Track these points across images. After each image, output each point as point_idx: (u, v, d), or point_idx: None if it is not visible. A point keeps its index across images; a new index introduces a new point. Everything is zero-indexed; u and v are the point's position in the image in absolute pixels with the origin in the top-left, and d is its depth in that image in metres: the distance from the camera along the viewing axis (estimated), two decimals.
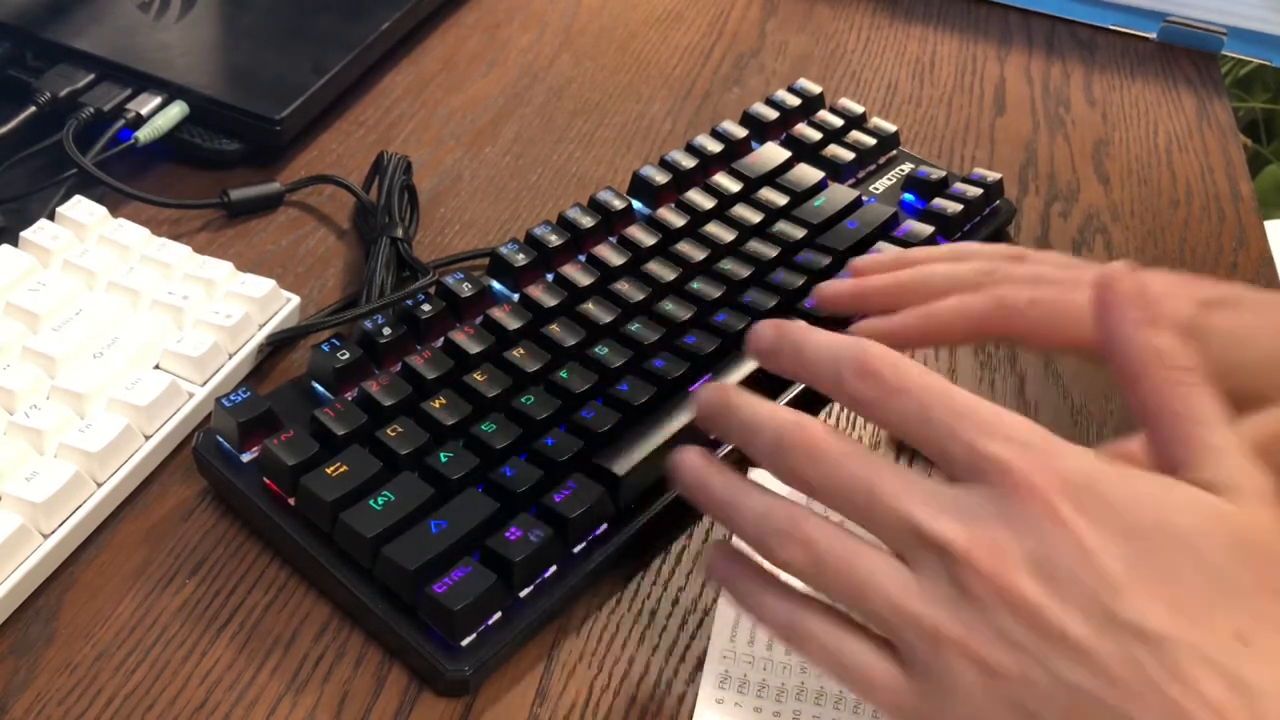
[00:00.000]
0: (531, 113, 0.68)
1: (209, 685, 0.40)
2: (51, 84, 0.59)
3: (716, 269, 0.53)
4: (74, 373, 0.46)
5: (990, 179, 0.60)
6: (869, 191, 0.60)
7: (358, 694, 0.40)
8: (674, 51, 0.75)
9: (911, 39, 0.78)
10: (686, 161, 0.58)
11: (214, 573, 0.43)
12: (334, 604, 0.42)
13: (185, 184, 0.60)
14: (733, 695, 0.40)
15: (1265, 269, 0.61)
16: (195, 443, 0.45)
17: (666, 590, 0.44)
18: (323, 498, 0.41)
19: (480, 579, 0.39)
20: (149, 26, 0.65)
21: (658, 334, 0.49)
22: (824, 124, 0.63)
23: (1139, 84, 0.75)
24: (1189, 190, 0.66)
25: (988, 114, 0.71)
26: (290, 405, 0.46)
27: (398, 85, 0.69)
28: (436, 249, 0.58)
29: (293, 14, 0.68)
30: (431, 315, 0.48)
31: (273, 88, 0.62)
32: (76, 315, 0.48)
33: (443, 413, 0.44)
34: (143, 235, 0.53)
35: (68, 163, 0.55)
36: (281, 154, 0.63)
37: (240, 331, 0.49)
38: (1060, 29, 0.80)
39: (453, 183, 0.62)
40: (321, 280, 0.55)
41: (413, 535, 0.40)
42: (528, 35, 0.75)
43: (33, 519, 0.41)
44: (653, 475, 0.44)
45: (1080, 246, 0.61)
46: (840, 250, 0.54)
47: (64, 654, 0.40)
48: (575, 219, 0.54)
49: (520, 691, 0.40)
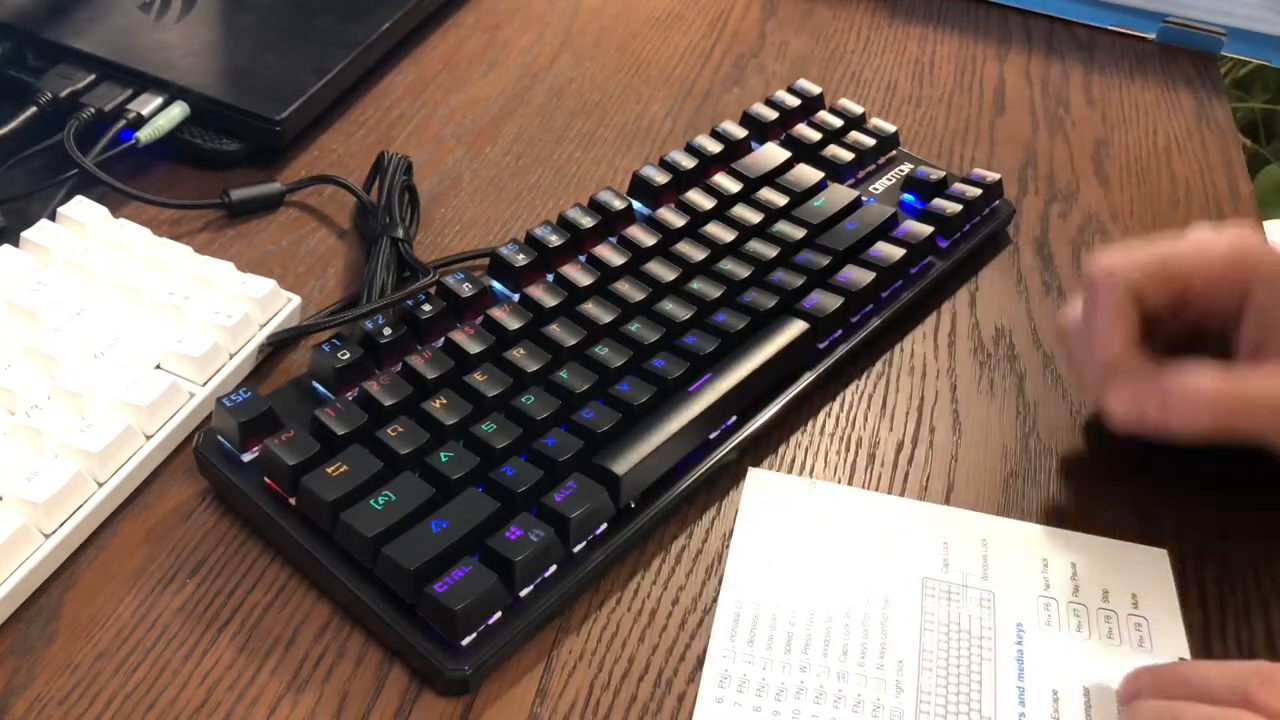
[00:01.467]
0: (531, 113, 0.68)
1: (209, 685, 0.40)
2: (52, 84, 0.59)
3: (716, 269, 0.53)
4: (75, 373, 0.46)
5: (990, 179, 0.60)
6: (869, 192, 0.61)
7: (358, 694, 0.40)
8: (674, 51, 0.75)
9: (911, 39, 0.78)
10: (686, 162, 0.58)
11: (214, 573, 0.43)
12: (334, 604, 0.42)
13: (186, 184, 0.60)
14: (733, 694, 0.40)
15: None
16: (196, 443, 0.45)
17: (666, 590, 0.44)
18: (323, 497, 0.41)
19: (480, 579, 0.39)
20: (149, 27, 0.65)
21: (658, 334, 0.49)
22: (824, 124, 0.63)
23: (1138, 84, 0.75)
24: (1188, 190, 0.66)
25: (987, 114, 0.71)
26: (291, 405, 0.46)
27: (398, 85, 0.69)
28: (437, 249, 0.58)
29: (293, 14, 0.68)
30: (432, 315, 0.48)
31: (273, 88, 0.62)
32: (77, 315, 0.48)
33: (443, 413, 0.45)
34: (143, 235, 0.53)
35: (69, 163, 0.55)
36: (282, 154, 0.63)
37: (241, 331, 0.49)
38: (1060, 29, 0.80)
39: (453, 183, 0.62)
40: (322, 280, 0.56)
41: (413, 535, 0.40)
42: (528, 35, 0.75)
43: (33, 519, 0.41)
44: (653, 475, 0.44)
45: (1080, 247, 0.61)
46: (840, 250, 0.54)
47: (64, 654, 0.40)
48: (575, 219, 0.54)
49: (520, 691, 0.40)
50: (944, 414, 0.51)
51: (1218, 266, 0.45)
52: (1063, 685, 0.41)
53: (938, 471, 0.49)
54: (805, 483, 0.48)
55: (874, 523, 0.46)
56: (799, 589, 0.44)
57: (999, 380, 0.53)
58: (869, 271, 0.53)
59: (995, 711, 0.40)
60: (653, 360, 0.48)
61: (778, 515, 0.46)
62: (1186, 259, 0.45)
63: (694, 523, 0.46)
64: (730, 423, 0.47)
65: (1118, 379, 0.45)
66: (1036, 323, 0.56)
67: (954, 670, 0.41)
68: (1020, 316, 0.57)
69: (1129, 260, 0.46)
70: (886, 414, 0.51)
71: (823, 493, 0.47)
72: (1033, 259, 0.60)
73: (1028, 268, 0.60)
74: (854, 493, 0.48)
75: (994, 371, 0.54)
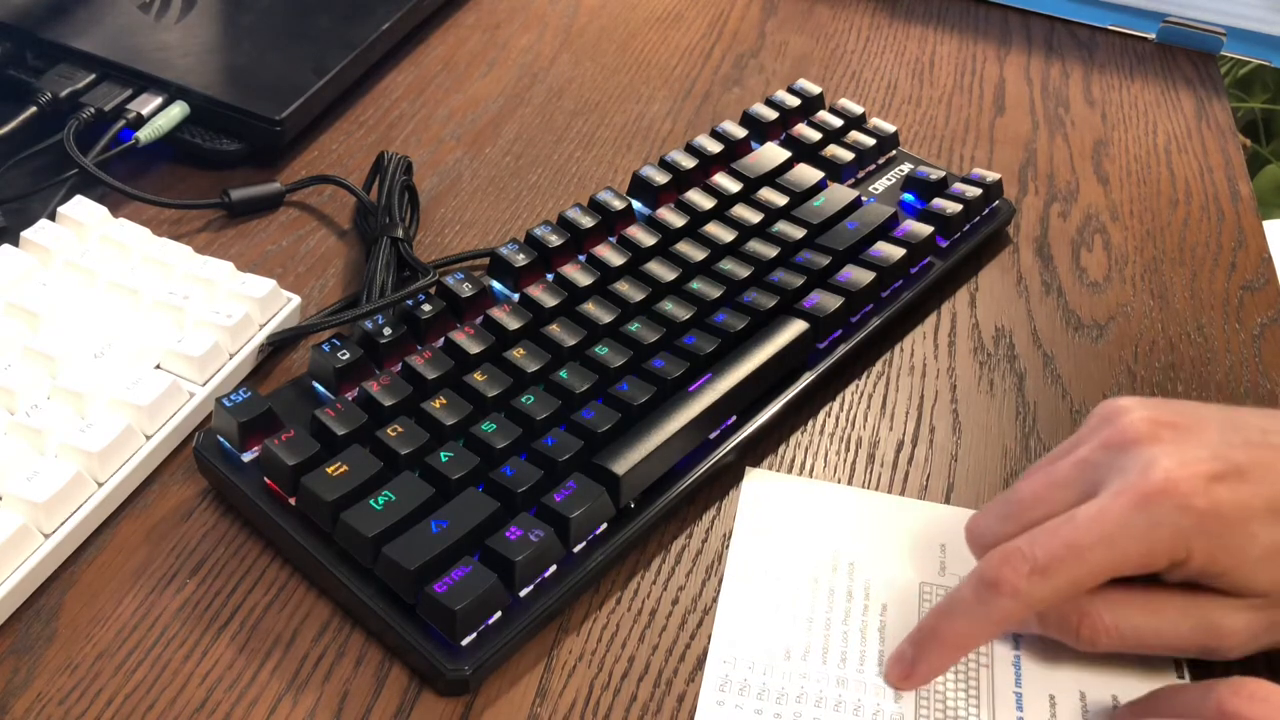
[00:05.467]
0: (531, 113, 0.68)
1: (209, 685, 0.40)
2: (52, 84, 0.59)
3: (716, 269, 0.53)
4: (75, 372, 0.46)
5: (989, 179, 0.60)
6: (868, 192, 0.61)
7: (358, 693, 0.40)
8: (674, 51, 0.75)
9: (911, 39, 0.78)
10: (686, 162, 0.58)
11: (214, 572, 0.43)
12: (334, 604, 0.42)
13: (186, 184, 0.60)
14: (733, 698, 0.40)
15: (1264, 269, 0.61)
16: (196, 442, 0.45)
17: (666, 590, 0.44)
18: (323, 497, 0.41)
19: (480, 578, 0.39)
20: (149, 27, 0.65)
21: (658, 334, 0.49)
22: (824, 124, 0.63)
23: (1138, 84, 0.75)
24: (1188, 190, 0.66)
25: (987, 114, 0.71)
26: (291, 405, 0.46)
27: (398, 85, 0.69)
28: (436, 249, 0.58)
29: (293, 14, 0.68)
30: (432, 315, 0.48)
31: (273, 88, 0.62)
32: (77, 315, 0.48)
33: (443, 413, 0.45)
34: (143, 235, 0.53)
35: (69, 163, 0.55)
36: (282, 154, 0.63)
37: (241, 331, 0.49)
38: (1060, 29, 0.80)
39: (453, 183, 0.62)
40: (322, 280, 0.56)
41: (413, 535, 0.40)
42: (528, 35, 0.75)
43: (34, 519, 0.42)
44: (652, 475, 0.44)
45: (1079, 247, 0.61)
46: (840, 250, 0.54)
47: (65, 653, 0.40)
48: (575, 219, 0.54)
49: (520, 691, 0.40)
50: (944, 414, 0.51)
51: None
52: (1060, 691, 0.41)
53: (938, 471, 0.49)
54: (805, 482, 0.48)
55: (873, 523, 0.46)
56: (799, 592, 0.44)
57: (999, 380, 0.53)
58: (869, 271, 0.53)
59: (993, 717, 0.40)
60: (653, 360, 0.48)
61: (778, 515, 0.46)
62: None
63: (694, 523, 0.46)
64: (730, 423, 0.47)
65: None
66: (1036, 323, 0.56)
67: (952, 676, 0.41)
68: (1020, 316, 0.57)
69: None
70: (886, 414, 0.51)
71: (822, 492, 0.47)
72: (1033, 259, 0.60)
73: (1028, 268, 0.60)
74: (854, 492, 0.48)
75: (994, 371, 0.54)
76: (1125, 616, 0.39)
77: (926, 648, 0.40)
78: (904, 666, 0.41)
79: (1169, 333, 0.57)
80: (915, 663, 0.40)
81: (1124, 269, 0.60)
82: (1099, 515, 0.38)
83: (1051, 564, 0.38)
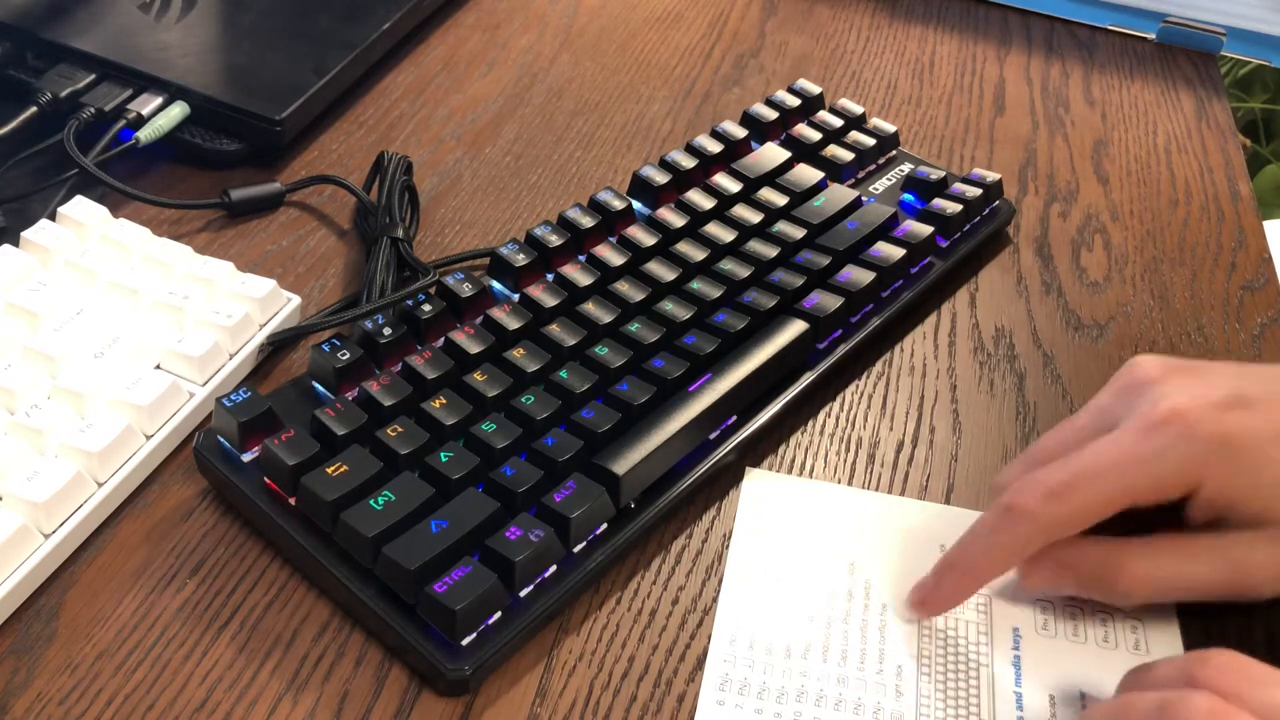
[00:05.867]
0: (531, 113, 0.68)
1: (209, 685, 0.40)
2: (52, 84, 0.59)
3: (716, 269, 0.53)
4: (75, 372, 0.46)
5: (989, 179, 0.60)
6: (869, 192, 0.61)
7: (358, 693, 0.40)
8: (674, 51, 0.75)
9: (911, 39, 0.78)
10: (686, 162, 0.58)
11: (214, 572, 0.43)
12: (334, 604, 0.42)
13: (186, 184, 0.60)
14: (733, 697, 0.40)
15: (1264, 269, 0.61)
16: (196, 443, 0.45)
17: (666, 590, 0.44)
18: (323, 497, 0.41)
19: (480, 579, 0.39)
20: (149, 26, 0.65)
21: (658, 334, 0.49)
22: (824, 124, 0.63)
23: (1138, 84, 0.75)
24: (1188, 190, 0.66)
25: (987, 114, 0.71)
26: (291, 405, 0.46)
27: (398, 85, 0.69)
28: (436, 249, 0.58)
29: (293, 14, 0.68)
30: (432, 315, 0.49)
31: (273, 88, 0.62)
32: (77, 315, 0.48)
33: (443, 413, 0.45)
34: (143, 235, 0.53)
35: (69, 163, 0.55)
36: (282, 154, 0.63)
37: (241, 331, 0.49)
38: (1060, 29, 0.80)
39: (453, 183, 0.62)
40: (322, 280, 0.56)
41: (413, 535, 0.40)
42: (528, 35, 0.75)
43: (34, 519, 0.42)
44: (652, 475, 0.44)
45: (1079, 247, 0.61)
46: (840, 250, 0.54)
47: (65, 653, 0.40)
48: (575, 219, 0.54)
49: (520, 691, 0.40)
50: (944, 414, 0.51)
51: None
52: (1060, 689, 0.41)
53: (938, 471, 0.49)
54: (805, 483, 0.48)
55: (873, 523, 0.46)
56: (799, 591, 0.44)
57: (999, 380, 0.53)
58: (869, 271, 0.53)
59: (993, 715, 0.40)
60: (653, 360, 0.48)
61: (778, 515, 0.46)
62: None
63: (694, 523, 0.46)
64: (730, 423, 0.47)
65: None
66: (1036, 323, 0.56)
67: (952, 675, 0.41)
68: (1020, 316, 0.57)
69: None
70: (886, 414, 0.51)
71: (822, 493, 0.47)
72: (1033, 259, 0.60)
73: (1028, 268, 0.60)
74: (854, 493, 0.48)
75: (994, 371, 0.54)
76: (1157, 564, 0.40)
77: (947, 575, 0.42)
78: (924, 591, 0.42)
79: (1169, 333, 0.57)
80: (935, 588, 0.42)
81: (1124, 269, 0.60)
82: (1110, 444, 0.40)
83: (1063, 490, 0.39)
